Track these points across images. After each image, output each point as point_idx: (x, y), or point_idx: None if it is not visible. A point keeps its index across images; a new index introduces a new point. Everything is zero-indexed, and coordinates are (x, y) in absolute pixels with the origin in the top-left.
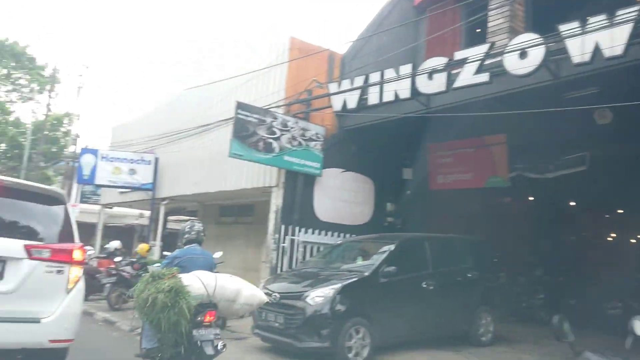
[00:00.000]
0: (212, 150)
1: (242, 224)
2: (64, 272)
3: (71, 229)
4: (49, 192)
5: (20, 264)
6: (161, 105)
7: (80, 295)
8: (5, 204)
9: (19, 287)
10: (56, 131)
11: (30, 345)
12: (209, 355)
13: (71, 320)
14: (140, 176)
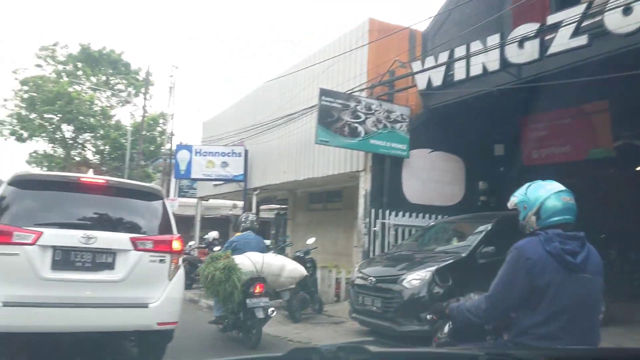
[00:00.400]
0: (298, 138)
1: (332, 209)
2: (165, 261)
3: (169, 221)
4: (148, 189)
5: (128, 255)
6: (247, 98)
7: (181, 282)
8: (112, 202)
9: (128, 276)
10: (153, 131)
11: (141, 327)
12: (260, 319)
13: (174, 304)
14: (231, 168)
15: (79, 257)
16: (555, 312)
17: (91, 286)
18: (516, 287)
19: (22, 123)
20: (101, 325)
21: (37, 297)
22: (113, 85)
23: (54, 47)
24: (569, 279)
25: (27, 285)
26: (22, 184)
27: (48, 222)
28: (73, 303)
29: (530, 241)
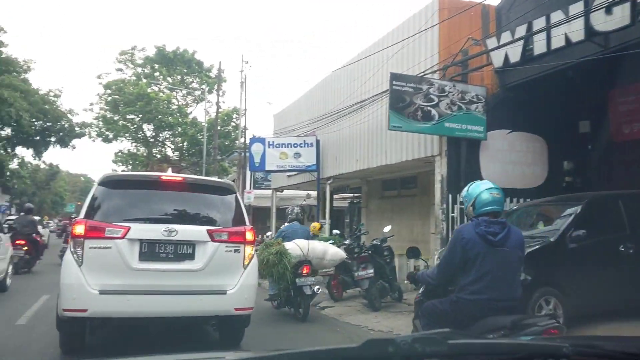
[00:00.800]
0: (370, 125)
1: (406, 196)
2: (240, 251)
3: (242, 213)
4: (222, 184)
5: (206, 246)
6: (316, 88)
7: (255, 270)
8: (190, 197)
9: (206, 265)
10: (227, 126)
11: (220, 313)
12: (307, 295)
13: (250, 291)
14: (304, 159)
15: (162, 249)
16: (482, 275)
17: (174, 275)
18: (455, 258)
19: (107, 125)
20: (184, 310)
21: (128, 285)
22: (188, 84)
23: (132, 51)
24: (490, 251)
25: (118, 275)
26: (110, 184)
27: (134, 218)
28: (159, 291)
29: (466, 225)
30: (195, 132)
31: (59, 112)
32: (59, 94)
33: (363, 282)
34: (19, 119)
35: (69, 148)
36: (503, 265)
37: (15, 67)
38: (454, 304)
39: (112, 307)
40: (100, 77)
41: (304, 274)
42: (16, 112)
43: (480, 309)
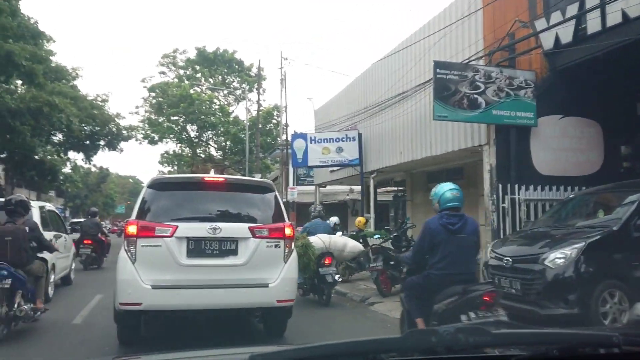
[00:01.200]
0: (413, 116)
1: None
2: (280, 246)
3: (281, 211)
4: (261, 184)
5: (248, 242)
6: (356, 82)
7: (295, 264)
8: (231, 197)
9: (249, 260)
10: (268, 124)
11: (263, 304)
12: (329, 282)
13: (291, 283)
14: (347, 153)
15: (208, 246)
16: (445, 255)
17: (219, 270)
18: (425, 243)
19: (152, 127)
20: (229, 303)
21: (177, 280)
22: (229, 83)
23: (174, 54)
24: (450, 238)
25: (169, 271)
26: (158, 186)
27: (181, 217)
28: (206, 285)
29: (433, 218)
30: (237, 130)
31: (106, 116)
32: (106, 98)
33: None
34: (70, 124)
35: (117, 151)
36: (460, 247)
37: (64, 75)
38: (426, 278)
39: (163, 301)
40: (145, 80)
41: (326, 264)
42: (67, 118)
43: (444, 281)
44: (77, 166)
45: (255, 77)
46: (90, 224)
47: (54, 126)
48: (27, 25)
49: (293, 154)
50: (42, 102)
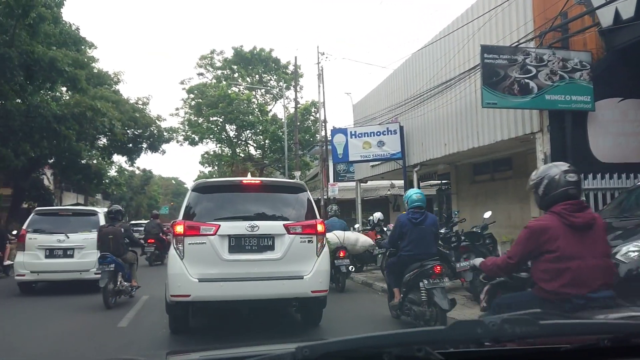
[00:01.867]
0: (458, 106)
1: (500, 179)
2: (313, 241)
3: (313, 209)
4: (294, 184)
5: (283, 238)
6: (396, 73)
7: (327, 257)
8: (267, 197)
9: (285, 255)
10: (306, 120)
11: (299, 295)
12: (343, 272)
13: (323, 275)
14: (388, 147)
15: (247, 242)
16: (410, 241)
17: (258, 264)
18: (396, 233)
19: (192, 128)
20: (268, 293)
21: (221, 274)
22: (266, 82)
23: (211, 55)
24: (414, 228)
25: (213, 265)
26: (201, 190)
27: (223, 217)
28: (246, 277)
29: (402, 214)
30: (275, 128)
31: (148, 118)
32: (147, 101)
33: (466, 273)
34: (112, 127)
35: (159, 153)
36: (421, 235)
37: (106, 80)
38: (398, 258)
39: (209, 292)
40: (184, 82)
41: (341, 257)
42: (109, 122)
43: (410, 260)
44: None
45: (292, 74)
46: (153, 225)
47: (98, 130)
48: (69, 32)
49: (333, 149)
50: (85, 106)
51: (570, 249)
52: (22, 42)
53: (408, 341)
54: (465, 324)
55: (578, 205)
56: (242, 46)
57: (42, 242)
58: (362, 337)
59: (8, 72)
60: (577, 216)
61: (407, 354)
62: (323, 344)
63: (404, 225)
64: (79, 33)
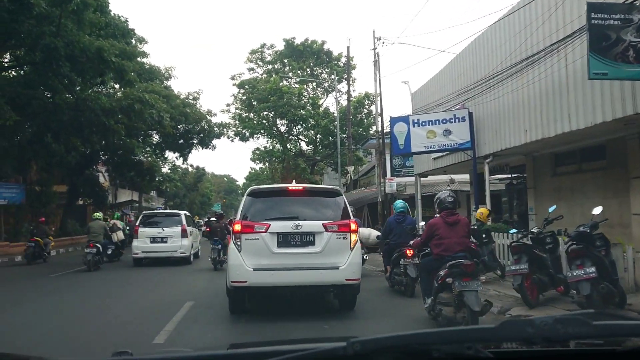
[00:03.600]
0: (543, 85)
1: (589, 170)
2: (347, 238)
3: (347, 210)
4: (331, 190)
5: (322, 235)
6: (463, 54)
7: (359, 251)
8: (309, 201)
9: (323, 249)
10: (359, 114)
11: (335, 282)
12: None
13: (356, 266)
14: (455, 136)
15: (292, 238)
16: (395, 235)
17: (301, 256)
18: (387, 230)
19: (243, 123)
20: (310, 281)
21: (271, 264)
22: (317, 75)
23: (261, 49)
24: (398, 227)
25: (264, 257)
26: (255, 195)
27: (272, 217)
28: (292, 267)
29: (391, 217)
30: (327, 122)
31: (198, 113)
32: (197, 96)
33: (583, 285)
34: (161, 120)
35: (210, 148)
36: (402, 232)
37: (157, 76)
38: (386, 245)
39: (262, 279)
40: (234, 78)
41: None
42: (157, 114)
43: (395, 247)
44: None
45: (344, 67)
46: (217, 227)
47: (146, 123)
48: (117, 24)
49: (393, 140)
50: (134, 99)
51: (445, 234)
52: (69, 32)
53: (458, 339)
54: (516, 322)
55: (451, 212)
56: (293, 38)
57: (148, 233)
58: (412, 333)
59: (54, 63)
60: (449, 218)
61: (456, 351)
62: (374, 340)
63: (392, 224)
64: (128, 25)
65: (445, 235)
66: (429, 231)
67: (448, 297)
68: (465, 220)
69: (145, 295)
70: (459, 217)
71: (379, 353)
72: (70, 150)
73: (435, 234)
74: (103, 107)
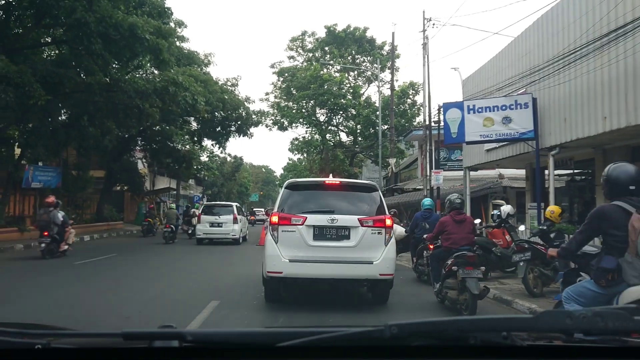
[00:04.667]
0: (630, 64)
1: None
2: (382, 233)
3: (383, 206)
4: (368, 185)
5: (357, 229)
6: (525, 35)
7: (393, 247)
8: (345, 195)
9: (358, 243)
10: (402, 104)
11: (369, 277)
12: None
13: (390, 262)
14: (516, 124)
15: (328, 232)
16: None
17: (336, 250)
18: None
19: (281, 112)
20: (344, 274)
21: (307, 256)
22: (359, 63)
23: (302, 36)
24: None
25: (300, 249)
26: (292, 187)
27: (309, 210)
28: (327, 260)
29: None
30: (369, 112)
31: (237, 100)
32: (235, 82)
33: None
34: (195, 104)
35: (247, 136)
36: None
37: (196, 61)
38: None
39: (297, 271)
40: (274, 66)
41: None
42: (191, 97)
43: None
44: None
45: (388, 55)
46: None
47: (179, 106)
48: (154, 2)
49: (446, 128)
50: (168, 81)
51: (453, 230)
52: (102, 8)
53: (495, 327)
54: (554, 314)
55: (459, 212)
56: (335, 25)
57: (208, 219)
58: (449, 319)
59: (85, 40)
60: (457, 217)
61: (493, 339)
62: (411, 324)
63: (418, 219)
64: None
65: (453, 231)
66: (440, 227)
67: (453, 283)
68: (470, 219)
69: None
70: (465, 216)
71: (416, 337)
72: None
73: (444, 230)
74: (137, 89)
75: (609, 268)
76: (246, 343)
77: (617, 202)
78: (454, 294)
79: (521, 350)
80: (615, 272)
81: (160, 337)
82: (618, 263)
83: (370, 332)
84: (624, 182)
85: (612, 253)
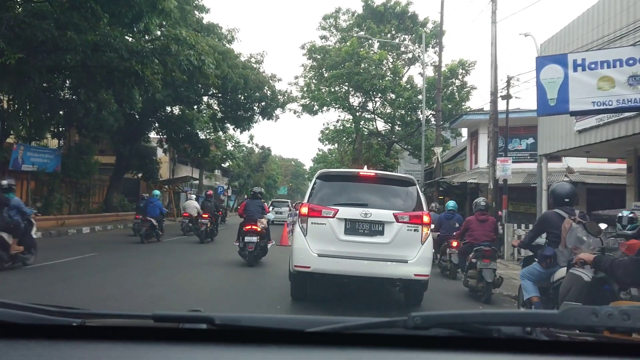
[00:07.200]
0: None
1: None
2: (418, 231)
3: (421, 201)
4: (405, 178)
5: (392, 225)
6: None
7: (430, 246)
8: (380, 188)
9: (392, 240)
10: (450, 85)
11: (402, 276)
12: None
13: (426, 262)
14: None
15: (360, 226)
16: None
17: (369, 246)
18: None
19: (311, 94)
20: (376, 272)
21: (337, 251)
22: (400, 42)
23: (336, 14)
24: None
25: (330, 244)
26: (324, 178)
27: (341, 203)
28: (358, 256)
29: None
30: (411, 94)
31: (261, 78)
32: (260, 59)
33: None
34: (202, 65)
35: (272, 119)
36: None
37: (217, 35)
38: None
39: (326, 266)
40: (304, 47)
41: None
42: (197, 56)
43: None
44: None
45: (432, 31)
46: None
47: (180, 68)
48: None
49: (540, 92)
50: (168, 37)
51: (476, 228)
52: None
53: (519, 321)
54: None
55: (482, 213)
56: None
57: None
58: (473, 312)
59: None
60: (481, 217)
61: (516, 333)
62: (434, 315)
63: (442, 219)
64: None
65: (476, 229)
66: (465, 225)
67: (473, 273)
68: (492, 220)
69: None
70: (488, 217)
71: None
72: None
73: (469, 228)
74: (131, 48)
75: (548, 255)
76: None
77: (556, 210)
78: (474, 282)
79: (544, 345)
80: (552, 258)
81: (189, 320)
82: (554, 252)
83: (393, 322)
84: (561, 196)
85: (551, 245)
